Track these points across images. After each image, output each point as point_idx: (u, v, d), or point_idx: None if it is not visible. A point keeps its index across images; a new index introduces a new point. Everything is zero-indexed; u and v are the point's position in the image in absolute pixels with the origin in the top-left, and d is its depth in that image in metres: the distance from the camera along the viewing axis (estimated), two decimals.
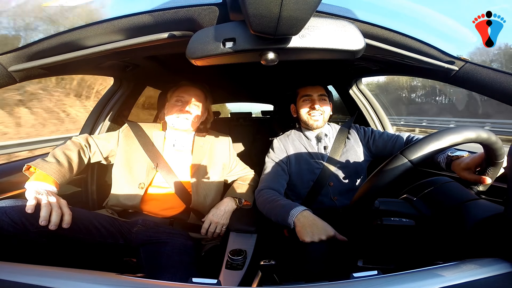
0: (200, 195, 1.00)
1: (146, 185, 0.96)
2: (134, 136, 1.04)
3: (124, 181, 0.97)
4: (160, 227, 0.91)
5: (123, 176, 0.98)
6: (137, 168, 0.98)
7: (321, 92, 1.07)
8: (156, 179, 0.99)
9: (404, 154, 0.50)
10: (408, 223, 0.54)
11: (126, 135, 1.05)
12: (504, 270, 0.39)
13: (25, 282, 0.37)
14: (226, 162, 1.13)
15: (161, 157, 1.00)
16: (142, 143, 1.02)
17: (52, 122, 7.11)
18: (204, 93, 1.10)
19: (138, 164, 0.99)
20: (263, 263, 0.60)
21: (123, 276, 0.42)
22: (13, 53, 0.60)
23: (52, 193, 0.73)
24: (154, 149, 1.02)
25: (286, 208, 0.80)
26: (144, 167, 0.98)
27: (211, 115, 1.17)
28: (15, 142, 5.03)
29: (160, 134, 1.06)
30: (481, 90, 0.67)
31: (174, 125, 1.02)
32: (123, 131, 1.06)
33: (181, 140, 1.06)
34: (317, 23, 0.53)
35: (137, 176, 0.97)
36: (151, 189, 0.98)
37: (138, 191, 0.95)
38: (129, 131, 1.06)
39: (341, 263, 0.66)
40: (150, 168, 0.98)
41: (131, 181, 0.96)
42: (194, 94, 1.05)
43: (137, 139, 1.03)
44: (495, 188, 0.62)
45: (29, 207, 0.63)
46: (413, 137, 0.99)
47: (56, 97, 7.72)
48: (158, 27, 0.58)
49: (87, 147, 0.98)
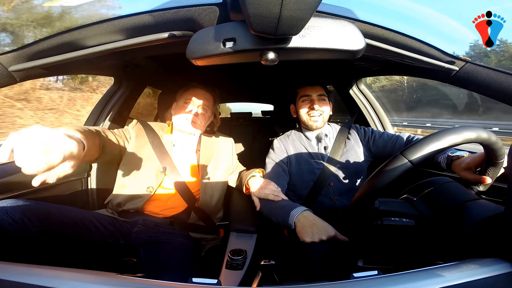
0: (207, 194, 1.01)
1: (155, 189, 0.95)
2: (145, 136, 1.01)
3: (131, 183, 0.95)
4: (161, 227, 0.91)
5: (131, 178, 0.95)
6: (146, 171, 0.96)
7: (321, 92, 1.07)
8: (164, 182, 0.98)
9: (404, 154, 0.50)
10: (408, 223, 0.54)
11: (137, 133, 1.01)
12: (504, 270, 0.39)
13: (25, 282, 0.37)
14: (229, 164, 1.13)
15: (169, 159, 0.99)
16: (153, 144, 1.00)
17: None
18: (213, 96, 1.09)
19: (147, 166, 0.96)
20: (263, 263, 0.60)
21: (123, 276, 0.41)
22: (13, 53, 0.60)
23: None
24: (163, 151, 1.00)
25: (287, 209, 0.80)
26: (153, 171, 0.96)
27: (218, 120, 1.16)
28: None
29: (168, 135, 1.05)
30: (482, 90, 0.67)
31: (180, 127, 1.02)
32: (134, 128, 1.02)
33: (188, 141, 1.06)
34: (317, 23, 0.53)
35: (146, 179, 0.95)
36: (158, 191, 0.97)
37: (145, 194, 0.94)
38: (140, 129, 1.02)
39: (341, 263, 0.66)
40: (159, 171, 0.96)
41: (139, 183, 0.94)
42: (204, 98, 1.04)
43: (148, 139, 1.00)
44: (495, 188, 0.62)
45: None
46: (413, 137, 0.99)
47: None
48: (158, 27, 0.58)
49: (115, 133, 0.92)
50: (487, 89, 0.65)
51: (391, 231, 0.55)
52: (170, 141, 1.04)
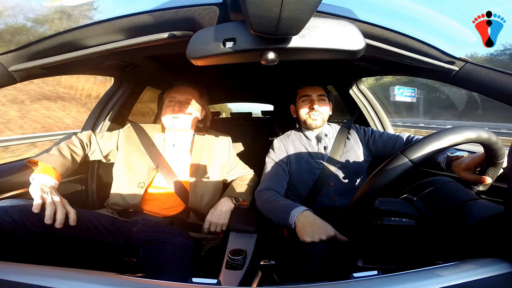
0: (197, 194, 1.00)
1: (146, 185, 0.96)
2: (136, 136, 1.04)
3: (124, 180, 0.98)
4: (160, 227, 0.91)
5: (123, 175, 0.98)
6: (138, 168, 0.98)
7: (320, 92, 1.07)
8: (156, 179, 0.99)
9: (404, 153, 0.50)
10: (408, 223, 0.54)
11: (127, 135, 1.05)
12: (504, 270, 0.39)
13: (25, 282, 0.37)
14: (225, 162, 1.12)
15: (161, 158, 1.01)
16: (144, 144, 1.03)
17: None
18: (198, 91, 1.09)
19: (139, 164, 0.99)
20: (263, 263, 0.60)
21: (123, 276, 0.41)
22: (13, 53, 0.60)
23: (55, 190, 0.74)
24: (155, 150, 1.02)
25: (287, 209, 0.80)
26: (145, 167, 0.98)
27: (209, 114, 1.16)
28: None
29: (160, 134, 1.07)
30: (482, 90, 0.67)
31: (168, 125, 1.03)
32: (124, 131, 1.07)
33: (181, 140, 1.07)
34: (317, 23, 0.53)
35: (137, 175, 0.97)
36: (151, 189, 0.98)
37: (137, 190, 0.95)
38: (131, 131, 1.06)
39: (341, 263, 0.66)
40: (151, 168, 0.99)
41: (131, 180, 0.97)
42: (186, 93, 1.05)
43: (139, 139, 1.04)
44: (495, 188, 0.62)
45: (36, 207, 0.64)
46: (413, 137, 0.99)
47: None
48: (158, 27, 0.58)
49: (88, 145, 0.99)
50: (487, 89, 0.65)
51: (391, 231, 0.55)
52: (163, 140, 1.05)
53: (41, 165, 0.81)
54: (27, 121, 7.34)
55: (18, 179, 0.87)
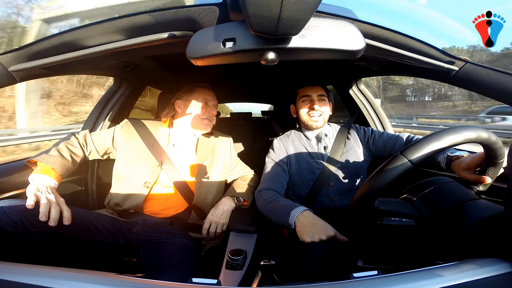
0: (202, 192, 1.00)
1: (152, 184, 0.95)
2: (135, 133, 1.02)
3: (127, 180, 0.96)
4: (160, 227, 0.91)
5: (127, 175, 0.96)
6: (141, 166, 0.97)
7: (320, 92, 1.07)
8: (161, 177, 0.97)
9: (404, 154, 0.50)
10: (408, 223, 0.54)
11: (126, 131, 1.02)
12: (504, 270, 0.39)
13: (25, 282, 0.37)
14: (227, 162, 1.13)
15: (165, 155, 0.99)
16: (145, 140, 1.00)
17: None
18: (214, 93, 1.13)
19: (142, 162, 0.97)
20: (263, 263, 0.60)
21: (123, 276, 0.42)
22: (13, 53, 0.60)
23: (52, 190, 0.74)
24: (157, 146, 1.00)
25: (287, 209, 0.80)
26: (149, 165, 0.97)
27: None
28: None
29: (165, 131, 1.05)
30: (481, 90, 0.67)
31: (195, 126, 1.04)
32: (122, 127, 1.04)
33: (186, 138, 1.06)
34: (317, 23, 0.53)
35: (142, 174, 0.95)
36: (155, 187, 0.97)
37: (143, 190, 0.94)
38: (129, 127, 1.03)
39: (341, 263, 0.66)
40: (155, 166, 0.97)
41: (135, 179, 0.95)
42: (214, 98, 1.10)
43: (139, 135, 1.01)
44: (495, 188, 0.62)
45: (29, 205, 0.64)
46: (413, 137, 0.99)
47: None
48: (158, 27, 0.58)
49: (85, 145, 0.98)
50: (487, 89, 0.65)
51: (391, 231, 0.55)
52: (166, 137, 1.04)
53: (40, 165, 0.81)
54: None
55: (17, 179, 0.87)
